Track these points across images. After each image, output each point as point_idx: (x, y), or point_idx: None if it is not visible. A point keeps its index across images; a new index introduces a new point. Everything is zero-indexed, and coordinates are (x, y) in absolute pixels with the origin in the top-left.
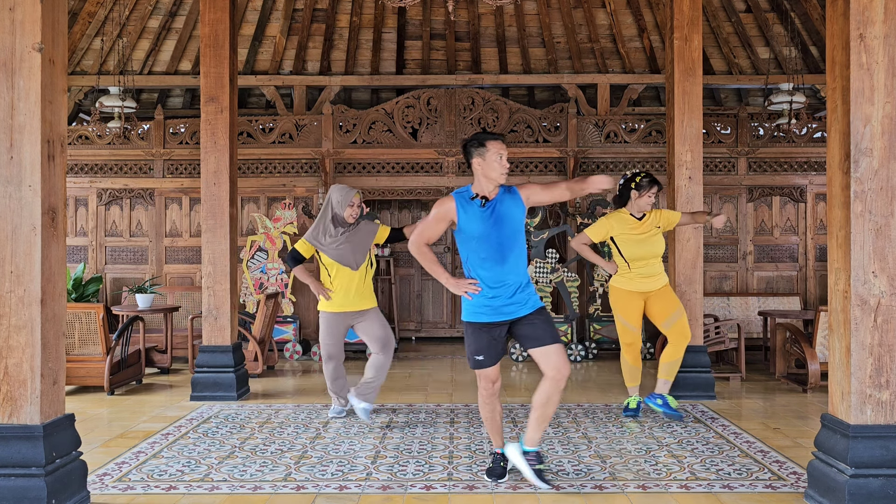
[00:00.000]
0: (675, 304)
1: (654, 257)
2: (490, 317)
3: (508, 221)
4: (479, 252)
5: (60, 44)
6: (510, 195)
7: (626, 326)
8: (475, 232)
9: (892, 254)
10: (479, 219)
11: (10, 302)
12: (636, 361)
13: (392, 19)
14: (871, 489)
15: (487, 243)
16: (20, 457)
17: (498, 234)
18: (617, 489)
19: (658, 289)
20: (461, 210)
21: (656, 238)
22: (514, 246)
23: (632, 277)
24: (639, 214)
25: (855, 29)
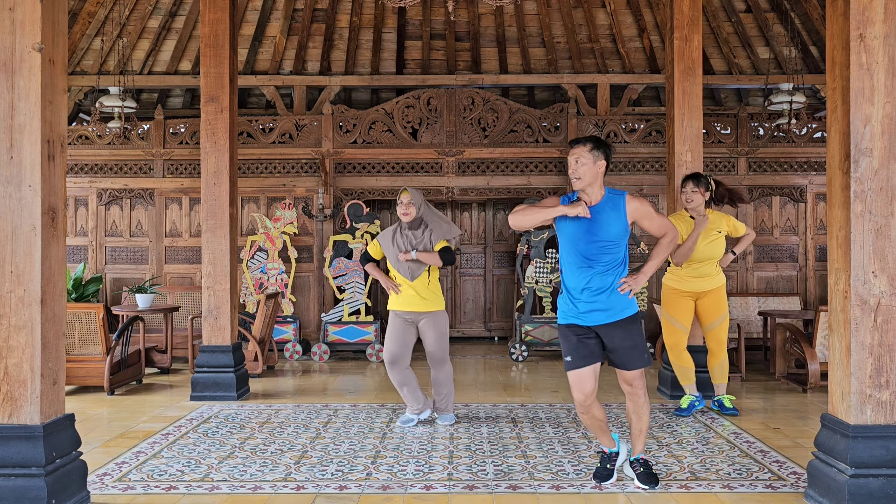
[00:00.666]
0: (721, 311)
1: (707, 259)
2: (575, 320)
3: (601, 230)
4: (569, 253)
5: (60, 44)
6: (614, 205)
7: (673, 323)
8: (566, 232)
9: (892, 254)
10: (571, 220)
11: (10, 302)
12: (687, 362)
13: (392, 19)
14: (872, 489)
15: (575, 247)
16: (20, 457)
17: (587, 240)
18: (617, 489)
19: (710, 290)
20: None
21: (715, 242)
22: (605, 254)
23: (682, 276)
24: (699, 217)
25: (855, 29)
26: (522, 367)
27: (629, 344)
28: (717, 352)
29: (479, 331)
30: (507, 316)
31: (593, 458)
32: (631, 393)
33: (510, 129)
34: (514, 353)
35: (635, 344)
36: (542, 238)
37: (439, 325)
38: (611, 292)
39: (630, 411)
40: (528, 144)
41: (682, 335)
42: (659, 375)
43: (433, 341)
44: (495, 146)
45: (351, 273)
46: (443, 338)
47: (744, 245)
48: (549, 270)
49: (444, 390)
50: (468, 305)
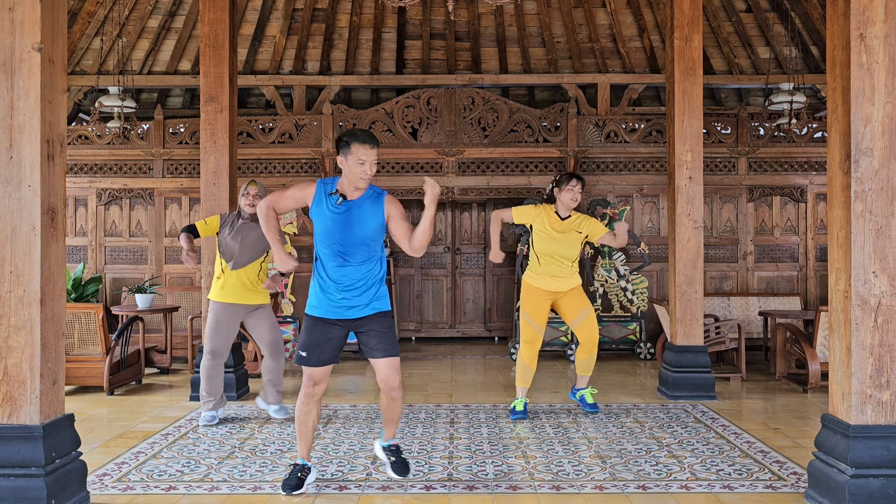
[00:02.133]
0: (584, 304)
1: (565, 258)
2: (324, 313)
3: (359, 226)
4: (324, 246)
5: (60, 44)
6: (373, 202)
7: (530, 323)
8: (322, 227)
9: (893, 254)
10: (329, 216)
11: (9, 302)
12: (532, 362)
13: (392, 19)
14: (872, 489)
15: (331, 240)
16: (20, 457)
17: (343, 236)
18: (617, 489)
19: (567, 290)
20: (317, 200)
21: (572, 240)
22: (360, 250)
23: (540, 274)
24: (564, 214)
25: (855, 29)
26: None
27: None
28: (588, 345)
29: (479, 331)
30: (507, 316)
31: (593, 459)
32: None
33: (510, 128)
34: (515, 354)
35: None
36: None
37: (271, 313)
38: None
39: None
40: (528, 144)
41: (537, 336)
42: (659, 376)
43: (269, 329)
44: (495, 146)
45: None
46: (277, 325)
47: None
48: None
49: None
50: (468, 305)
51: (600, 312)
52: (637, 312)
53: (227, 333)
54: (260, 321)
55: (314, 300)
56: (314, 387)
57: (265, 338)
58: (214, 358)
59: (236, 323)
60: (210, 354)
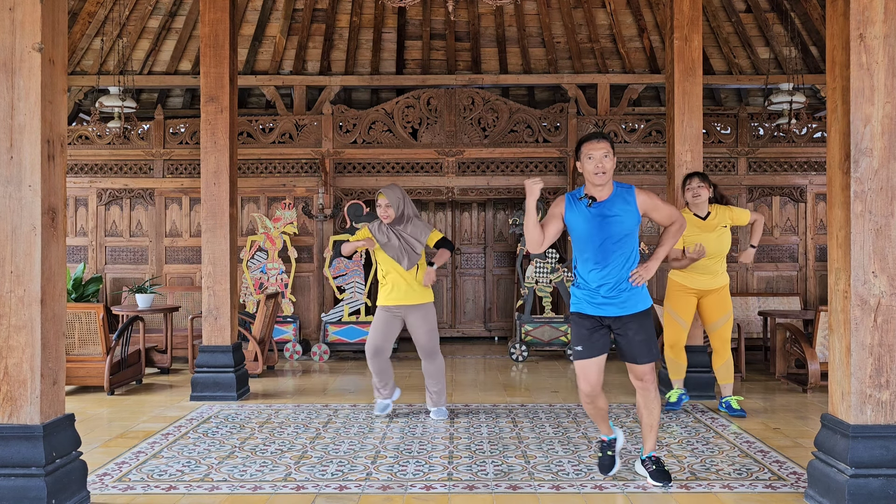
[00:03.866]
0: (725, 310)
1: (714, 255)
2: (589, 309)
3: (614, 224)
4: (583, 250)
5: (60, 44)
6: (623, 199)
7: (676, 319)
8: (579, 232)
9: (892, 254)
10: (584, 218)
11: (10, 302)
12: (680, 356)
13: (392, 19)
14: (872, 489)
15: (590, 243)
16: (20, 457)
17: (601, 237)
18: (617, 489)
19: (715, 289)
20: (569, 209)
21: (721, 236)
22: (619, 249)
23: (688, 272)
24: (702, 213)
25: (855, 29)
26: (522, 367)
27: (641, 337)
28: (721, 351)
29: (479, 331)
30: (507, 316)
31: (593, 458)
32: (642, 388)
33: (510, 129)
34: (514, 353)
35: (647, 338)
36: None
37: (429, 317)
38: (626, 286)
39: (640, 406)
40: (528, 144)
41: (682, 332)
42: (659, 376)
43: (424, 334)
44: (495, 146)
45: (351, 273)
46: (433, 331)
47: (758, 233)
48: (549, 270)
49: (436, 383)
50: (468, 305)
51: None
52: None
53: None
54: (417, 325)
55: (576, 297)
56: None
57: (419, 342)
58: (376, 356)
59: (395, 322)
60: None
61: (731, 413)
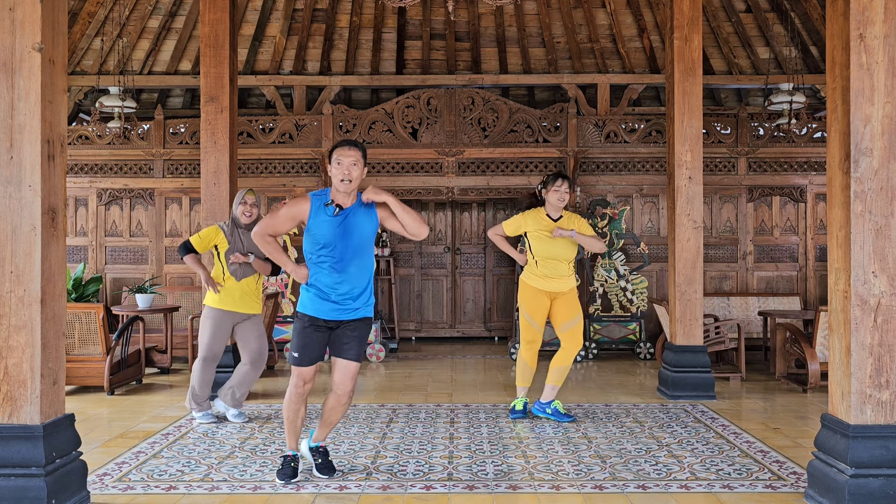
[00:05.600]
0: (576, 312)
1: (563, 259)
2: (318, 313)
3: (357, 232)
4: (322, 256)
5: (60, 44)
6: (366, 208)
7: (530, 323)
8: (322, 238)
9: (892, 254)
10: (329, 226)
11: (10, 302)
12: (532, 362)
13: (392, 19)
14: (872, 489)
15: (332, 251)
16: (20, 457)
17: (343, 244)
18: (617, 489)
19: (563, 292)
20: (313, 214)
21: (567, 241)
22: (357, 257)
23: (538, 275)
24: (555, 215)
25: (855, 29)
26: None
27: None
28: (571, 351)
29: (479, 331)
30: (507, 316)
31: (593, 458)
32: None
33: (510, 129)
34: (514, 353)
35: (363, 340)
36: None
37: (259, 323)
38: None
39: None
40: (528, 144)
41: (537, 335)
42: (659, 375)
43: (256, 339)
44: (495, 146)
45: None
46: (264, 335)
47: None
48: None
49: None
50: (468, 305)
51: (600, 313)
52: (637, 312)
53: (223, 339)
54: (250, 329)
55: (308, 302)
56: (304, 385)
57: (251, 346)
58: (213, 363)
59: (230, 329)
60: (207, 360)
61: (560, 419)
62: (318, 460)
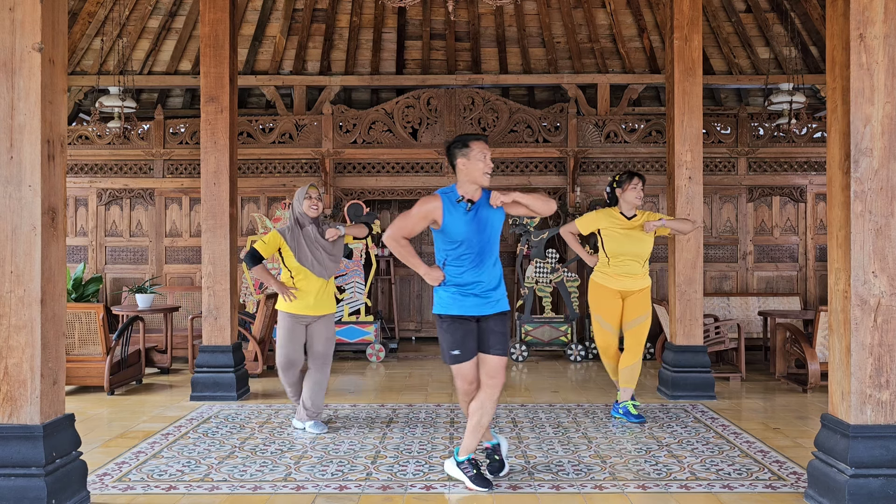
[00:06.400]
0: (645, 309)
1: (637, 257)
2: (463, 310)
3: (489, 226)
4: (462, 253)
5: (60, 44)
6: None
7: (603, 326)
8: (459, 235)
9: (892, 254)
10: (464, 222)
11: (10, 302)
12: (612, 360)
13: (392, 19)
14: (872, 489)
15: (469, 247)
16: (20, 457)
17: (479, 239)
18: (617, 489)
19: (636, 290)
20: (447, 211)
21: (643, 238)
22: (493, 250)
23: (610, 274)
24: (629, 213)
25: (855, 29)
26: (522, 367)
27: (502, 332)
28: (635, 351)
29: None
30: None
31: (593, 458)
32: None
33: (510, 129)
34: (514, 353)
35: (506, 334)
36: (542, 238)
37: (330, 324)
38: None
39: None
40: (528, 144)
41: (612, 337)
42: (659, 375)
43: (325, 342)
44: (495, 146)
45: (351, 273)
46: (333, 338)
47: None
48: (549, 270)
49: (320, 392)
50: None
51: None
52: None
53: (297, 345)
54: (319, 331)
55: (449, 302)
56: (470, 385)
57: (315, 349)
58: (289, 368)
59: (303, 332)
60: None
61: (629, 419)
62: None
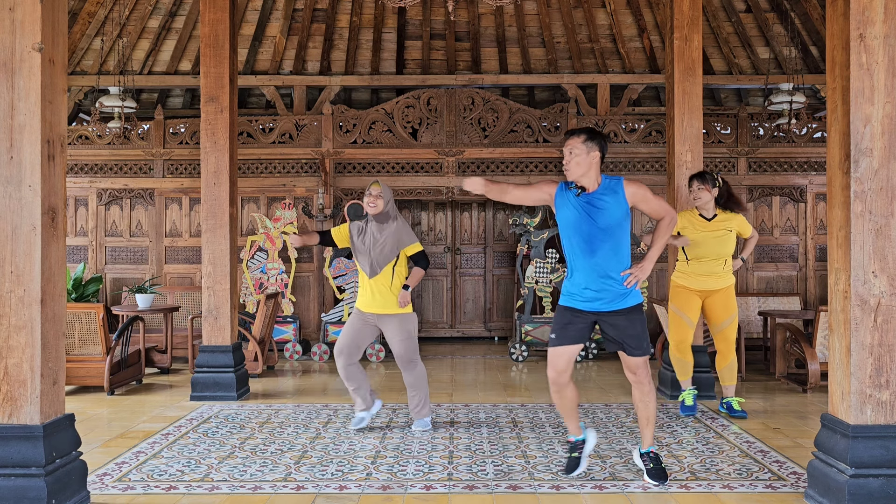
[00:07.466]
0: (730, 311)
1: (717, 257)
2: (575, 304)
3: (602, 216)
4: (571, 240)
5: (60, 44)
6: (612, 191)
7: (682, 317)
8: (567, 218)
9: (892, 254)
10: (572, 206)
11: (10, 302)
12: (686, 355)
13: (392, 19)
14: (872, 489)
15: (578, 233)
16: (20, 457)
17: (589, 227)
18: (617, 489)
19: (719, 289)
20: (559, 193)
21: (724, 239)
22: (607, 240)
23: (691, 274)
24: (708, 215)
25: (855, 29)
26: (522, 367)
27: (631, 332)
28: (726, 353)
29: (479, 331)
30: (507, 316)
31: (593, 458)
32: (635, 381)
33: (510, 129)
34: (514, 353)
35: (637, 332)
36: (542, 238)
37: (404, 325)
38: (614, 280)
39: (636, 400)
40: (528, 144)
41: (689, 330)
42: (659, 375)
43: (399, 343)
44: (495, 146)
45: (351, 273)
46: (409, 339)
47: (750, 248)
48: (549, 270)
49: (416, 394)
50: (468, 305)
51: None
52: None
53: (352, 335)
54: (391, 332)
55: (566, 290)
56: (556, 374)
57: (394, 349)
58: (339, 357)
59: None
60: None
61: (731, 414)
62: (650, 465)
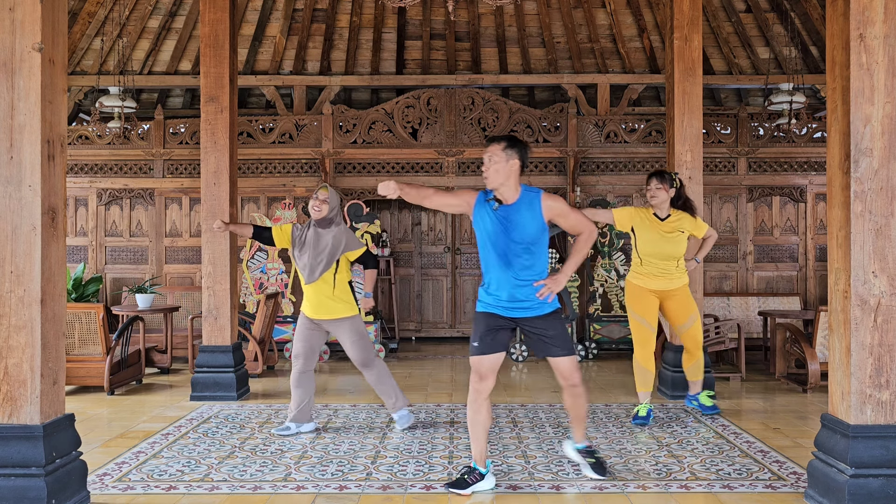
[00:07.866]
0: (690, 310)
1: (668, 258)
2: (495, 310)
3: (518, 231)
4: (486, 251)
5: (60, 44)
6: (529, 205)
7: (640, 322)
8: (483, 230)
9: (892, 254)
10: (489, 219)
11: (10, 302)
12: (648, 363)
13: (392, 19)
14: (872, 489)
15: (493, 246)
16: (20, 457)
17: (505, 240)
18: (617, 489)
19: (674, 289)
20: (478, 204)
21: (676, 239)
22: (522, 254)
23: (644, 273)
24: (662, 214)
25: (855, 29)
26: (522, 367)
27: (552, 333)
28: (694, 351)
29: None
30: None
31: None
32: (569, 386)
33: (510, 129)
34: (514, 353)
35: (558, 332)
36: None
37: (355, 326)
38: (530, 290)
39: (568, 405)
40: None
41: (650, 336)
42: (659, 376)
43: (352, 345)
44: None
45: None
46: (362, 338)
47: (706, 249)
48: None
49: (384, 390)
50: (468, 305)
51: (600, 313)
52: None
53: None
54: (341, 337)
55: (483, 298)
56: (480, 382)
57: (350, 354)
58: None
59: (317, 334)
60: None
61: (704, 412)
62: (591, 460)
